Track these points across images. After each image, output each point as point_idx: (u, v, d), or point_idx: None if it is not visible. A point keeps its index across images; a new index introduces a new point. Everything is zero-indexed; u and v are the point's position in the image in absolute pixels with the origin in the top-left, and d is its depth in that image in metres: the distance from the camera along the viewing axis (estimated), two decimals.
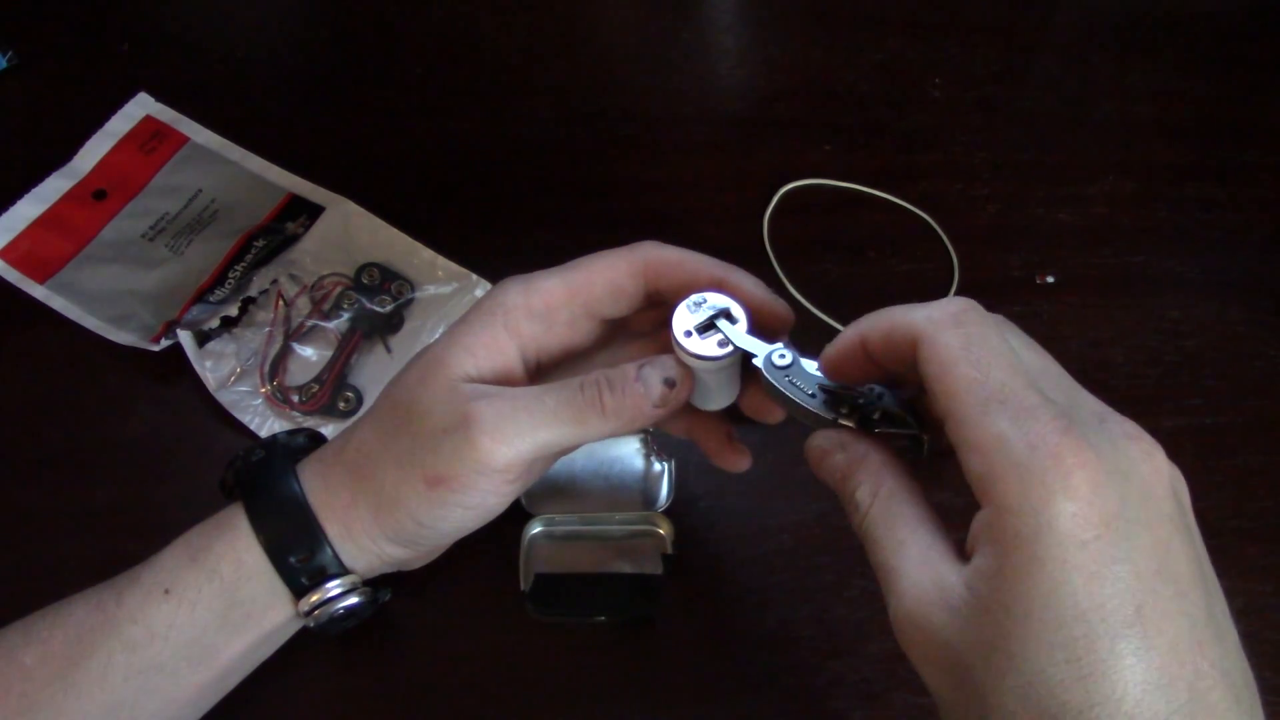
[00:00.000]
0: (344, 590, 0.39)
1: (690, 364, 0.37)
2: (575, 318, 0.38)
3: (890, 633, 0.51)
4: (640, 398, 0.36)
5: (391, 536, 0.38)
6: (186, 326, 0.56)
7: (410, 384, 0.37)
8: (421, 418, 0.36)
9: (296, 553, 0.38)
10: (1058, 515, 0.26)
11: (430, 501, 0.36)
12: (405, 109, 0.69)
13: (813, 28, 0.75)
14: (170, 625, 0.37)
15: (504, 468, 0.36)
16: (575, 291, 0.38)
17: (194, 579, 0.38)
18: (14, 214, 0.61)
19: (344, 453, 0.39)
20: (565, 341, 0.39)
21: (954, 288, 0.62)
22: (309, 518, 0.38)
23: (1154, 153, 0.69)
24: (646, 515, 0.52)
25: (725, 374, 0.38)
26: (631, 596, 0.50)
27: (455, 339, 0.37)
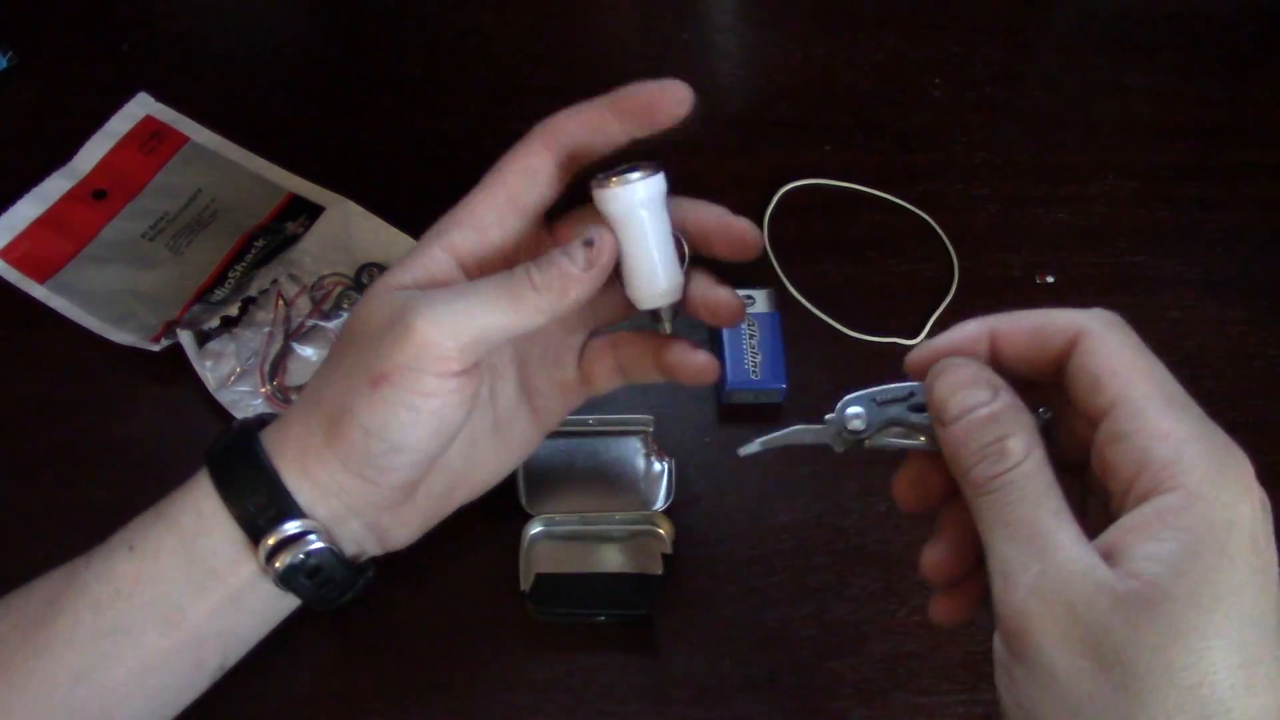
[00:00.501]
0: (302, 531, 0.37)
1: (604, 207, 0.37)
2: (503, 217, 0.39)
3: (890, 633, 0.51)
4: (565, 265, 0.36)
5: (345, 460, 0.37)
6: (186, 326, 0.56)
7: (356, 310, 0.38)
8: (360, 330, 0.37)
9: (252, 497, 0.37)
10: (1245, 513, 0.27)
11: (374, 402, 0.35)
12: (405, 109, 0.69)
13: (813, 28, 0.75)
14: (136, 581, 0.37)
15: (443, 355, 0.35)
16: (491, 189, 0.39)
17: (156, 534, 0.38)
18: (14, 214, 0.61)
19: (303, 395, 0.39)
20: (499, 245, 0.39)
21: (954, 288, 0.62)
22: (262, 461, 0.37)
23: (1154, 153, 0.69)
24: (646, 515, 0.52)
25: (649, 226, 0.37)
26: (631, 596, 0.50)
27: (398, 265, 0.38)
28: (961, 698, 0.49)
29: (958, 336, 0.34)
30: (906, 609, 0.51)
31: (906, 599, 0.51)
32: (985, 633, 0.51)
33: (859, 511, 0.54)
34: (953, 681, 0.49)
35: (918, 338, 0.60)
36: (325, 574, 0.39)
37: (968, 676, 0.50)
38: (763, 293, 0.59)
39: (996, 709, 0.49)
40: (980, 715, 0.49)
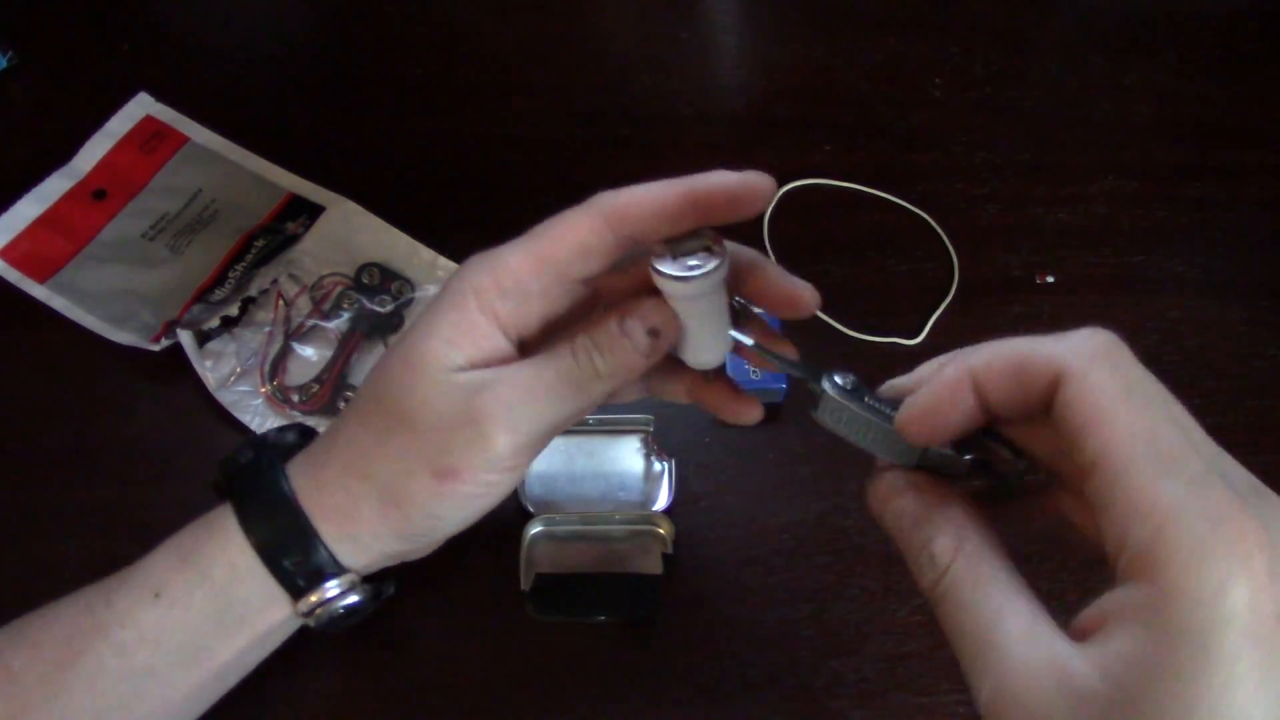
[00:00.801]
0: (343, 590, 0.38)
1: (670, 292, 0.35)
2: (548, 287, 0.36)
3: (890, 633, 0.51)
4: (629, 352, 0.35)
5: (399, 533, 0.37)
6: (186, 326, 0.56)
7: (396, 381, 0.36)
8: (418, 415, 0.35)
9: (290, 555, 0.37)
10: (1236, 604, 0.22)
11: (441, 495, 0.36)
12: (405, 109, 0.69)
13: (813, 28, 0.75)
14: (161, 629, 0.37)
15: (516, 454, 0.35)
16: (542, 260, 0.36)
17: (184, 582, 0.37)
18: (14, 214, 0.61)
19: (334, 451, 0.38)
20: (543, 312, 0.37)
21: (954, 288, 0.62)
22: (301, 520, 0.37)
23: (1154, 153, 0.69)
24: (646, 515, 0.52)
25: (710, 306, 0.35)
26: (631, 596, 0.50)
27: (432, 330, 0.36)
28: (961, 698, 0.49)
29: (938, 389, 0.30)
30: (906, 609, 0.51)
31: (906, 599, 0.51)
32: None
33: (859, 511, 0.54)
34: (953, 681, 0.49)
35: (918, 338, 0.60)
36: (360, 613, 0.40)
37: None
38: None
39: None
40: (980, 715, 0.49)
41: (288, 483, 0.38)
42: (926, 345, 0.59)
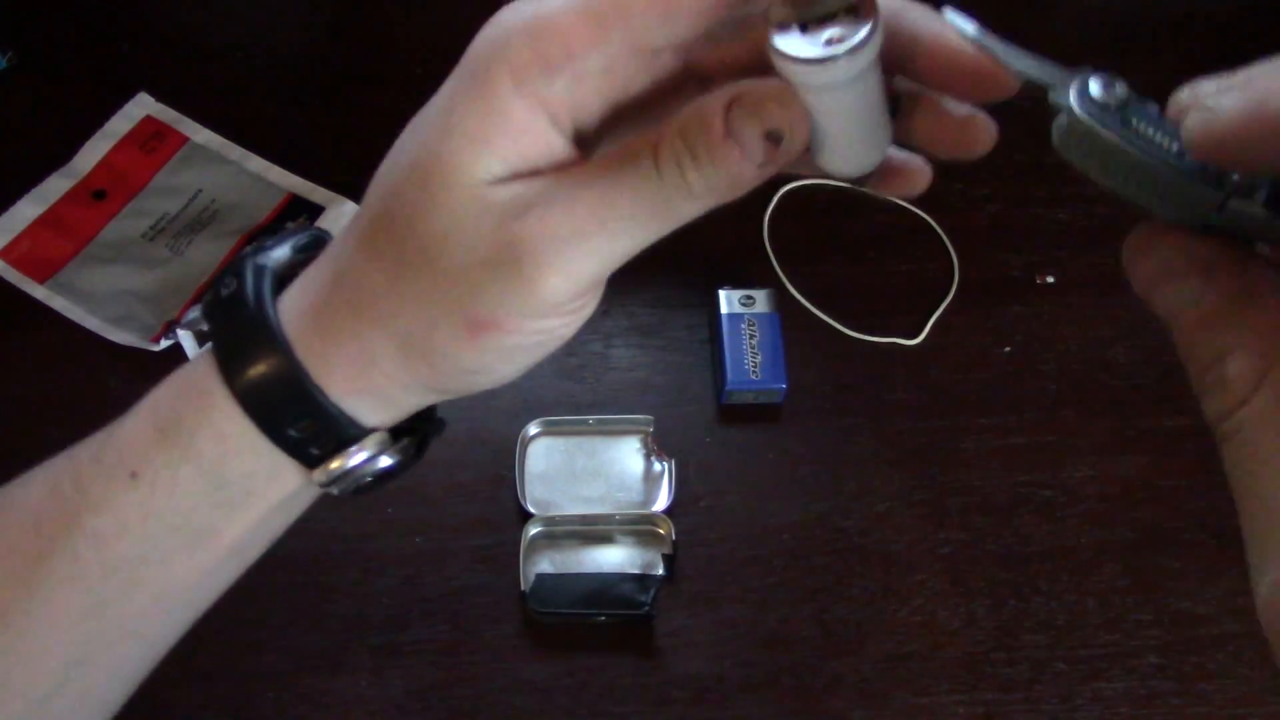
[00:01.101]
0: (371, 454, 0.30)
1: (800, 81, 0.24)
2: (614, 61, 0.26)
3: (890, 633, 0.51)
4: (736, 162, 0.24)
5: (432, 386, 0.29)
6: (186, 326, 0.56)
7: (409, 199, 0.27)
8: (441, 248, 0.26)
9: (294, 423, 0.29)
10: None
11: (479, 349, 0.27)
12: (405, 109, 0.69)
13: None
14: (145, 514, 0.30)
15: (571, 299, 0.26)
16: (604, 23, 0.25)
17: (165, 459, 0.30)
18: (14, 214, 0.61)
19: (339, 288, 0.29)
20: (609, 95, 0.26)
21: (954, 288, 0.62)
22: (302, 380, 0.29)
23: None
24: (646, 515, 0.52)
25: (857, 98, 0.25)
26: (631, 596, 0.50)
27: (453, 125, 0.26)
28: (961, 698, 0.49)
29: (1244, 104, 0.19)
30: (907, 609, 0.51)
31: (906, 599, 0.51)
32: (985, 633, 0.51)
33: (859, 511, 0.54)
34: (953, 681, 0.49)
35: (918, 338, 0.59)
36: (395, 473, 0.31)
37: (968, 676, 0.50)
38: (763, 293, 0.58)
39: (996, 709, 0.49)
40: (980, 715, 0.49)
41: (281, 325, 0.29)
42: (926, 345, 0.59)
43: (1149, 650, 0.50)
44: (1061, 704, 0.49)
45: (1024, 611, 0.51)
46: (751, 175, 0.25)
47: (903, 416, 0.57)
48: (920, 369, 0.59)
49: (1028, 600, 0.52)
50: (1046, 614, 0.51)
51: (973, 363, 0.58)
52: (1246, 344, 0.20)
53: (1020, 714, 0.49)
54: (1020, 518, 0.54)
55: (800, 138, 0.25)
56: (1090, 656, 0.50)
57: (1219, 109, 0.19)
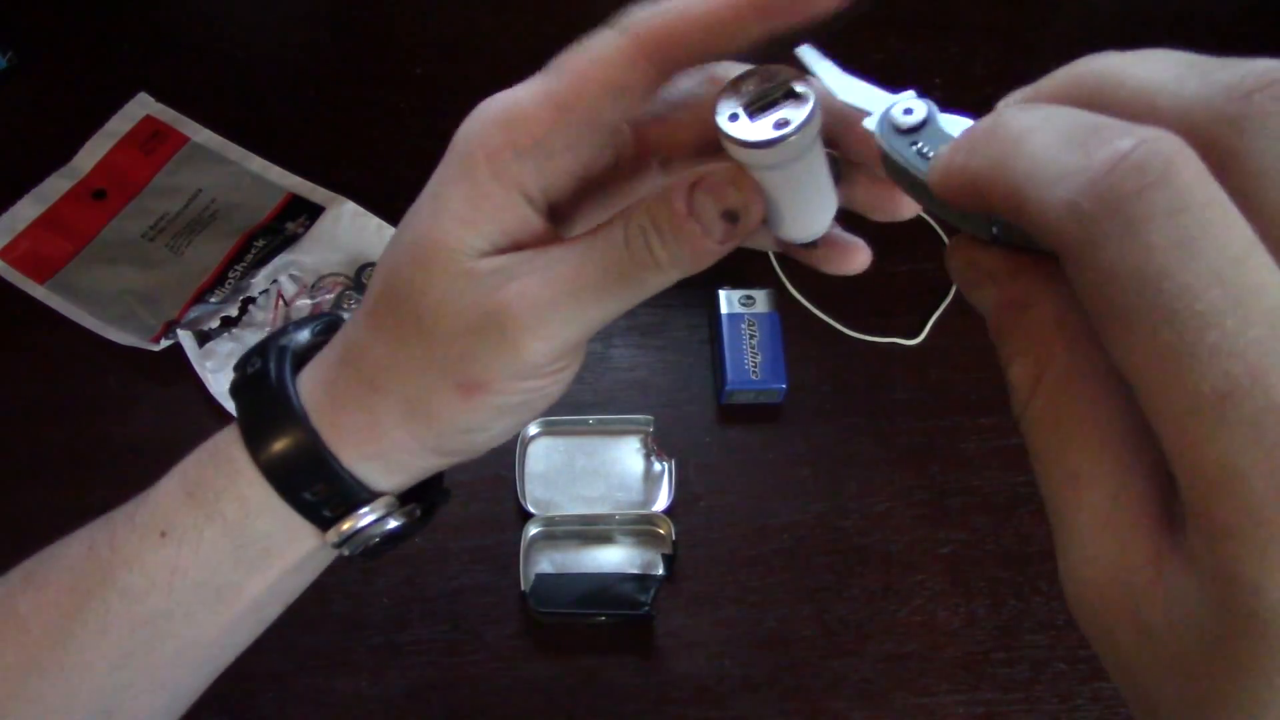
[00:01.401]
0: (379, 516, 0.33)
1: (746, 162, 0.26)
2: (576, 139, 0.29)
3: (890, 633, 0.51)
4: (698, 238, 0.27)
5: (434, 449, 0.32)
6: (186, 326, 0.56)
7: (405, 277, 0.30)
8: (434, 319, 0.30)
9: (309, 486, 0.32)
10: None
11: (471, 410, 0.30)
12: (405, 109, 0.69)
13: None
14: (172, 571, 0.33)
15: (551, 361, 0.29)
16: (564, 107, 0.28)
17: (192, 520, 0.33)
18: (14, 214, 0.61)
19: (348, 361, 0.32)
20: (573, 169, 0.30)
21: (954, 288, 0.62)
22: (316, 443, 0.32)
23: None
24: (646, 515, 0.52)
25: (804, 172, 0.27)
26: (631, 596, 0.50)
27: (440, 208, 0.29)
28: (961, 698, 0.49)
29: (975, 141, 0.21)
30: (907, 609, 0.51)
31: (906, 599, 0.51)
32: (985, 633, 0.51)
33: (859, 511, 0.54)
34: (953, 681, 0.49)
35: (918, 338, 0.59)
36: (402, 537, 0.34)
37: (968, 676, 0.50)
38: (763, 293, 0.59)
39: (996, 709, 0.49)
40: (980, 715, 0.49)
41: (299, 399, 0.32)
42: (926, 345, 0.59)
43: None
44: (1061, 704, 0.49)
45: (1024, 611, 0.51)
46: (713, 250, 0.28)
47: (903, 416, 0.57)
48: (920, 369, 0.59)
49: (1028, 600, 0.52)
50: (1046, 614, 0.51)
51: (973, 363, 0.58)
52: (1022, 352, 0.21)
53: (1020, 714, 0.49)
54: (1020, 518, 0.54)
55: (755, 215, 0.27)
56: (1090, 656, 0.50)
57: (937, 156, 0.22)
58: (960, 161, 0.21)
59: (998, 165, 0.20)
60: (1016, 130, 0.20)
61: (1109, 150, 0.17)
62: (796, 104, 0.25)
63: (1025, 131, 0.20)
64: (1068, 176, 0.18)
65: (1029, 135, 0.19)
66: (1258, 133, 0.17)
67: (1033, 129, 0.19)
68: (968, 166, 0.21)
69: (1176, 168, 0.16)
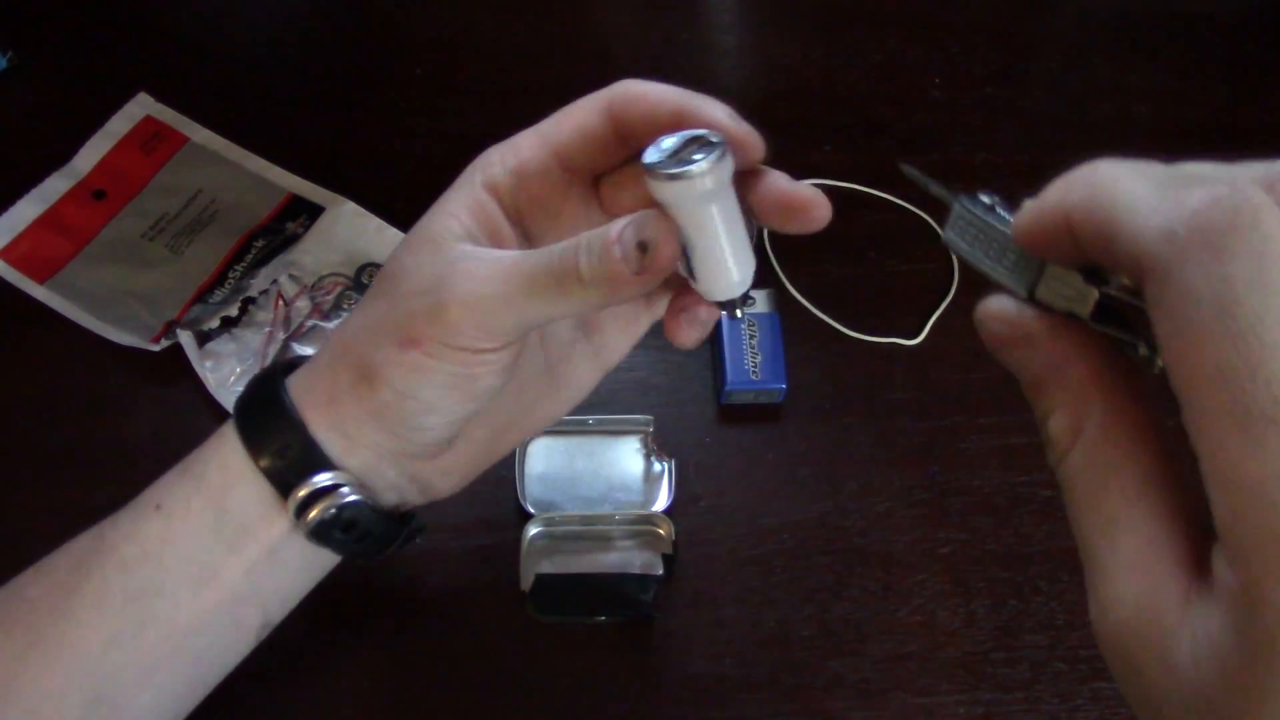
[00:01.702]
0: (334, 484, 0.35)
1: (660, 196, 0.30)
2: (548, 169, 0.35)
3: (890, 633, 0.51)
4: (616, 261, 0.31)
5: (376, 416, 0.35)
6: (186, 326, 0.56)
7: (398, 255, 0.35)
8: (400, 279, 0.34)
9: (277, 448, 0.35)
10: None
11: (405, 366, 0.33)
12: (405, 109, 0.69)
13: (813, 28, 0.75)
14: (163, 541, 0.35)
15: (476, 339, 0.33)
16: (545, 139, 0.35)
17: (183, 491, 0.36)
18: (14, 214, 0.61)
19: (332, 340, 0.37)
20: (542, 199, 0.36)
21: (954, 288, 0.62)
22: (286, 411, 0.35)
23: (1154, 153, 0.68)
24: (646, 515, 0.52)
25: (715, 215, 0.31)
26: (631, 596, 0.50)
27: (440, 205, 0.35)
28: (961, 698, 0.49)
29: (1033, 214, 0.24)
30: (907, 609, 0.51)
31: (907, 599, 0.51)
32: (985, 633, 0.51)
33: (859, 511, 0.54)
34: (953, 681, 0.49)
35: (918, 338, 0.60)
36: (362, 527, 0.36)
37: (968, 676, 0.50)
38: (763, 293, 0.59)
39: (996, 709, 0.49)
40: (980, 715, 0.49)
41: (283, 379, 0.36)
42: (926, 345, 0.59)
43: None
44: (1061, 704, 0.49)
45: (1024, 611, 0.51)
46: (626, 276, 0.31)
47: (903, 416, 0.57)
48: (920, 369, 0.59)
49: (1028, 600, 0.52)
50: (1046, 614, 0.51)
51: (973, 363, 0.58)
52: (1061, 406, 0.23)
53: (1020, 714, 0.49)
54: (1020, 518, 0.54)
55: (665, 250, 0.31)
56: (1090, 656, 0.50)
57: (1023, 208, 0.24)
58: (1055, 197, 0.23)
59: (1094, 199, 0.22)
60: (1113, 173, 0.23)
61: (1206, 193, 0.20)
62: (707, 149, 0.30)
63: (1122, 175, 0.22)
64: (1164, 209, 0.20)
65: (1126, 178, 0.22)
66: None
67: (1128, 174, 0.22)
68: (1064, 201, 0.23)
69: (1263, 216, 0.19)
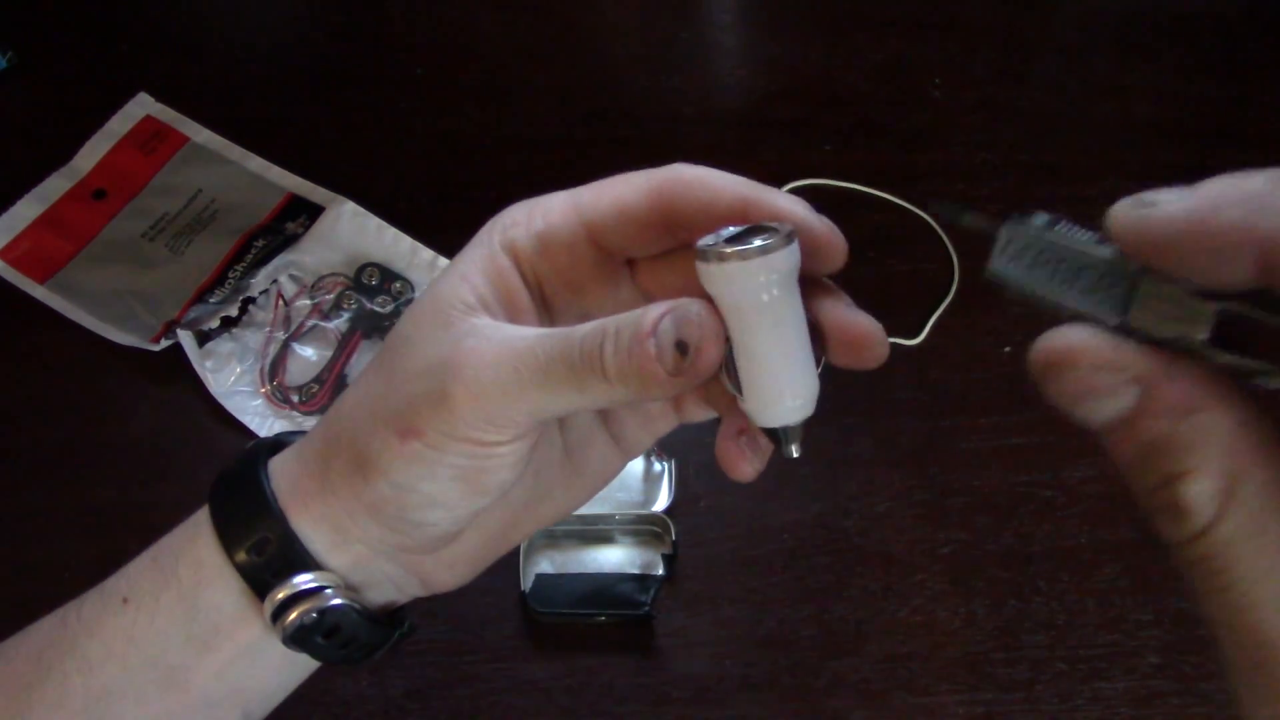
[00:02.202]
0: (317, 586, 0.31)
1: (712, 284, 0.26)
2: (577, 244, 0.30)
3: (890, 633, 0.51)
4: (649, 359, 0.26)
5: (372, 510, 0.31)
6: (186, 326, 0.56)
7: (404, 325, 0.31)
8: (404, 355, 0.30)
9: (253, 543, 0.31)
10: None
11: (405, 457, 0.29)
12: (405, 109, 0.69)
13: (813, 28, 0.75)
14: (129, 640, 0.32)
15: (482, 431, 0.28)
16: (579, 209, 0.30)
17: (152, 585, 0.32)
18: (14, 214, 0.61)
19: (324, 422, 0.32)
20: (568, 274, 0.31)
21: (954, 288, 0.62)
22: (266, 503, 0.31)
23: (1154, 153, 0.69)
24: (646, 515, 0.52)
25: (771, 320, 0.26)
26: (631, 596, 0.50)
27: (454, 265, 0.31)
28: (961, 698, 0.49)
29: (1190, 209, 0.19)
30: (907, 609, 0.51)
31: (907, 599, 0.51)
32: (985, 633, 0.51)
33: (859, 511, 0.54)
34: (953, 681, 0.49)
35: (918, 338, 0.59)
36: (346, 633, 0.32)
37: (968, 676, 0.50)
38: None
39: (996, 709, 0.49)
40: (980, 715, 0.49)
41: (265, 466, 0.32)
42: (926, 345, 0.59)
43: (1149, 650, 0.50)
44: (1061, 704, 0.49)
45: (1024, 611, 0.51)
46: (659, 378, 0.27)
47: (903, 416, 0.57)
48: (920, 369, 0.59)
49: (1028, 600, 0.52)
50: (1046, 614, 0.51)
51: (973, 363, 0.58)
52: (1200, 465, 0.18)
53: (1020, 714, 0.49)
54: (1020, 518, 0.54)
55: (708, 355, 0.27)
56: (1090, 656, 0.50)
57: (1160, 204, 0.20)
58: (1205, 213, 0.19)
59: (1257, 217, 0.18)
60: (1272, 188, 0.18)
61: None
62: (771, 235, 0.26)
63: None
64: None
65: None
66: None
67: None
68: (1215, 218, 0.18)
69: None
